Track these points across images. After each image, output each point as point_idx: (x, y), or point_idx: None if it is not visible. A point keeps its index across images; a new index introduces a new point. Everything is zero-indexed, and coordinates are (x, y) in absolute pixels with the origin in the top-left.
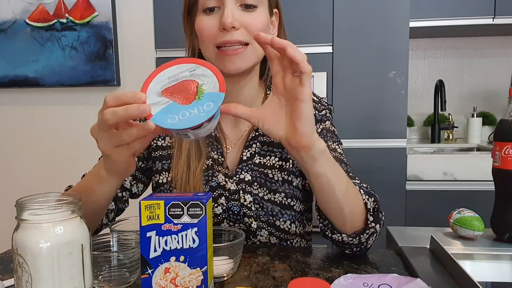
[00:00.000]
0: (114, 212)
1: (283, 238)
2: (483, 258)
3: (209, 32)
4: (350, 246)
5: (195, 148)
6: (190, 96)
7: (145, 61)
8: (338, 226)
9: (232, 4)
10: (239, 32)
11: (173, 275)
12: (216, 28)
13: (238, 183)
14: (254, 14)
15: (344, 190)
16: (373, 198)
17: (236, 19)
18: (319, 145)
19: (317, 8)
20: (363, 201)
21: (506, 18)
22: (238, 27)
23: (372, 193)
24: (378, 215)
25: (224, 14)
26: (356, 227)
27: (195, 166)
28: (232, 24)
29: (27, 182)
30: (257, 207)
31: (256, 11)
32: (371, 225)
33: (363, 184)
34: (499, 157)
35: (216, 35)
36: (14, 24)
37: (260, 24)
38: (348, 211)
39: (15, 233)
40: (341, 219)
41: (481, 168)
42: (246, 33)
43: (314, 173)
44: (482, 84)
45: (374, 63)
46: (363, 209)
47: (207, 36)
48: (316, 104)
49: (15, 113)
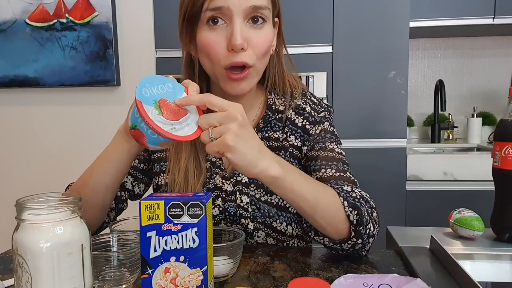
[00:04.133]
0: (115, 212)
1: (280, 239)
2: (483, 258)
3: (216, 52)
4: (335, 250)
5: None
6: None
7: (145, 61)
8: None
9: (240, 22)
10: (247, 53)
11: (173, 275)
12: (223, 48)
13: (235, 185)
14: (262, 32)
15: (313, 205)
16: (356, 211)
17: (245, 40)
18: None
19: (317, 8)
20: (345, 212)
21: (506, 18)
22: (246, 48)
23: (358, 205)
24: (360, 230)
25: (233, 34)
26: (341, 233)
27: (194, 183)
28: (242, 45)
29: (27, 182)
30: (253, 208)
31: (264, 27)
32: (353, 240)
33: (353, 193)
34: (499, 157)
35: (225, 56)
36: (14, 24)
37: (268, 44)
38: (325, 222)
39: (15, 233)
40: (320, 228)
41: (481, 168)
42: (253, 54)
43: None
44: (482, 84)
45: (374, 63)
46: (345, 218)
47: (215, 56)
48: (316, 106)
49: (15, 113)
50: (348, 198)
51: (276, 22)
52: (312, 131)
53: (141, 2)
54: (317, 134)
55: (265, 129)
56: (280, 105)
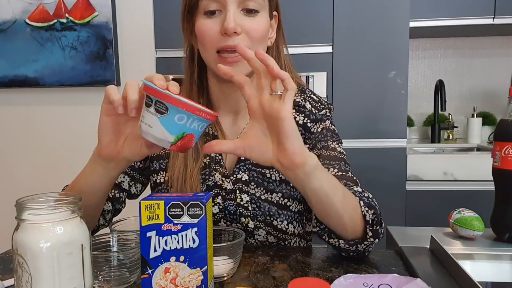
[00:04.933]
0: (111, 213)
1: (281, 238)
2: (483, 258)
3: (210, 36)
4: (347, 252)
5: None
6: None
7: (145, 61)
8: (339, 232)
9: (234, 9)
10: (240, 37)
11: (173, 275)
12: (217, 32)
13: (234, 183)
14: (256, 19)
15: (342, 198)
16: (373, 210)
17: (238, 24)
18: (311, 160)
19: (317, 8)
20: (361, 212)
21: (506, 18)
22: (240, 33)
23: (373, 204)
24: (378, 229)
25: (226, 18)
26: (357, 232)
27: (192, 166)
28: (234, 29)
29: (27, 182)
30: (254, 206)
31: (258, 15)
32: (370, 239)
33: (365, 193)
34: (499, 157)
35: (217, 39)
36: (14, 24)
37: (261, 30)
38: (348, 218)
39: (15, 233)
40: (342, 226)
41: (481, 168)
42: (247, 39)
43: (311, 189)
44: (482, 84)
45: (374, 63)
46: (361, 217)
47: (208, 40)
48: (316, 103)
49: (15, 113)
50: (363, 198)
51: (275, 16)
52: (313, 129)
53: (141, 2)
54: (319, 132)
55: None
56: None
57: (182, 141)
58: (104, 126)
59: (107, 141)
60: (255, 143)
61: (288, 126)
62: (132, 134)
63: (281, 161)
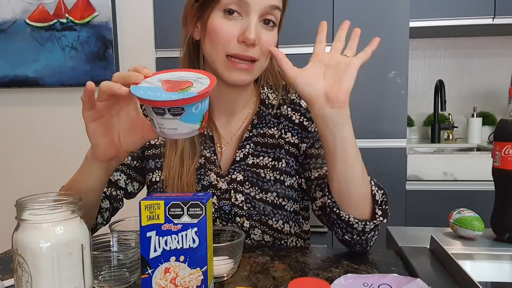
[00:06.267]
0: (109, 211)
1: (277, 237)
2: (483, 258)
3: (225, 38)
4: (353, 232)
5: (189, 145)
6: (176, 88)
7: (145, 61)
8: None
9: (256, 19)
10: (255, 49)
11: (173, 275)
12: (234, 37)
13: (229, 183)
14: (272, 33)
15: (362, 165)
16: (382, 191)
17: (258, 37)
18: (347, 108)
19: (317, 8)
20: (371, 191)
21: (506, 18)
22: (256, 44)
23: (382, 186)
24: (386, 209)
25: (248, 28)
26: (364, 213)
27: (188, 164)
28: (254, 41)
29: (27, 182)
30: (249, 206)
31: (274, 29)
32: (379, 219)
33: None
34: (499, 157)
35: (233, 44)
36: (14, 24)
37: (274, 44)
38: (363, 192)
39: (15, 233)
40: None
41: (481, 168)
42: (259, 51)
43: (342, 138)
44: (482, 84)
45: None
46: (370, 198)
47: (222, 42)
48: None
49: (15, 113)
50: (372, 179)
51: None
52: (310, 128)
53: (141, 2)
54: (317, 131)
55: (259, 125)
56: (274, 99)
57: (205, 120)
58: (94, 132)
59: (104, 145)
60: (309, 74)
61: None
62: (122, 126)
63: (329, 94)
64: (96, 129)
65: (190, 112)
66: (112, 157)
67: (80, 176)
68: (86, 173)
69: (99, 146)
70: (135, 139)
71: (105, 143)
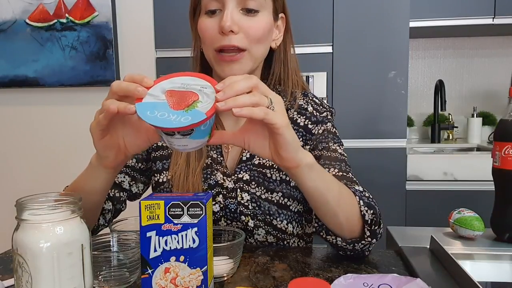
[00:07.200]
0: (112, 213)
1: (280, 237)
2: (483, 258)
3: (209, 34)
4: (344, 250)
5: None
6: (183, 104)
7: (145, 61)
8: (335, 231)
9: (232, 7)
10: (238, 37)
11: (173, 275)
12: (216, 31)
13: (236, 182)
14: (255, 19)
15: (337, 197)
16: (372, 210)
17: (235, 23)
18: (306, 161)
19: (317, 8)
20: (360, 211)
21: (506, 18)
22: (237, 31)
23: (373, 204)
24: (376, 229)
25: (223, 17)
26: (354, 231)
27: (194, 165)
28: (230, 28)
29: (27, 182)
30: (254, 205)
31: (258, 15)
32: (367, 239)
33: (365, 193)
34: (499, 157)
35: (216, 38)
36: (14, 24)
37: (261, 29)
38: (344, 217)
39: (15, 233)
40: (338, 225)
41: (481, 168)
42: (245, 38)
43: (305, 188)
44: (482, 84)
45: (374, 63)
46: (359, 217)
47: (207, 39)
48: (318, 106)
49: (15, 113)
50: (363, 198)
51: (282, 17)
52: (314, 131)
53: (141, 2)
54: (320, 134)
55: None
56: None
57: (213, 130)
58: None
59: (113, 156)
60: (255, 137)
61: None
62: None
63: (275, 161)
64: (106, 144)
65: (199, 130)
66: (120, 164)
67: (86, 178)
68: (92, 177)
69: (109, 157)
70: (140, 143)
71: (114, 154)
